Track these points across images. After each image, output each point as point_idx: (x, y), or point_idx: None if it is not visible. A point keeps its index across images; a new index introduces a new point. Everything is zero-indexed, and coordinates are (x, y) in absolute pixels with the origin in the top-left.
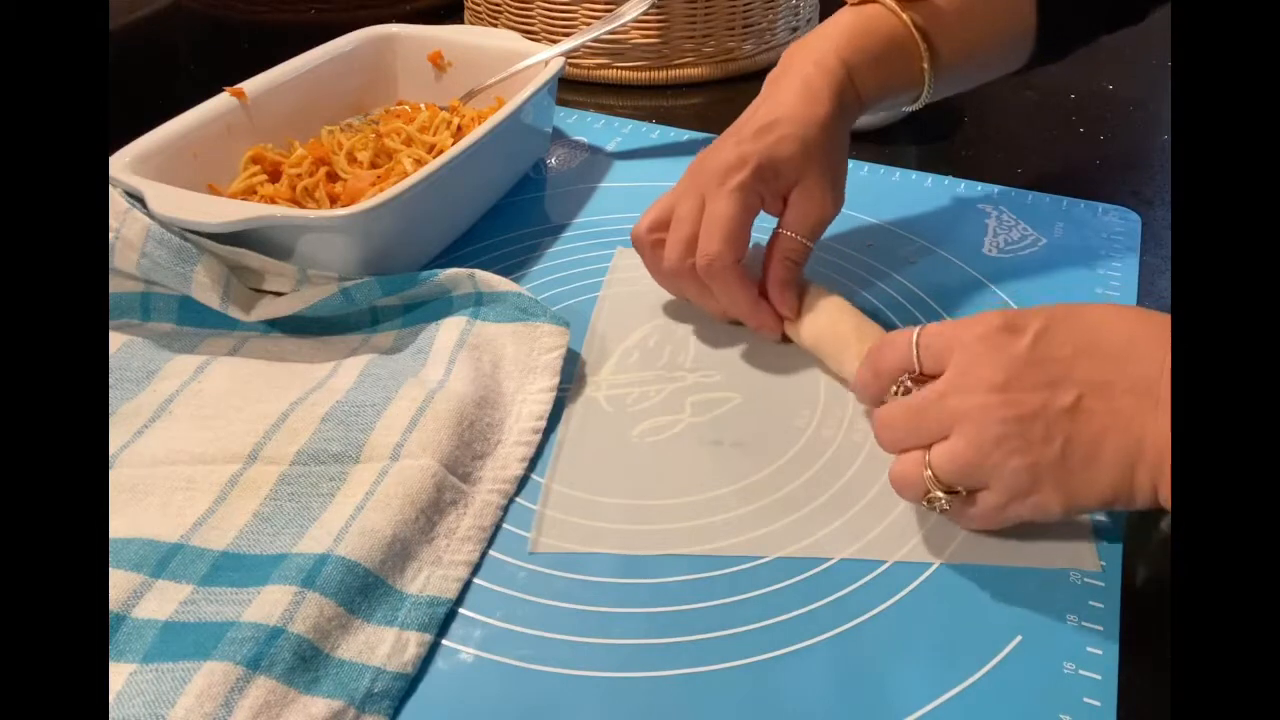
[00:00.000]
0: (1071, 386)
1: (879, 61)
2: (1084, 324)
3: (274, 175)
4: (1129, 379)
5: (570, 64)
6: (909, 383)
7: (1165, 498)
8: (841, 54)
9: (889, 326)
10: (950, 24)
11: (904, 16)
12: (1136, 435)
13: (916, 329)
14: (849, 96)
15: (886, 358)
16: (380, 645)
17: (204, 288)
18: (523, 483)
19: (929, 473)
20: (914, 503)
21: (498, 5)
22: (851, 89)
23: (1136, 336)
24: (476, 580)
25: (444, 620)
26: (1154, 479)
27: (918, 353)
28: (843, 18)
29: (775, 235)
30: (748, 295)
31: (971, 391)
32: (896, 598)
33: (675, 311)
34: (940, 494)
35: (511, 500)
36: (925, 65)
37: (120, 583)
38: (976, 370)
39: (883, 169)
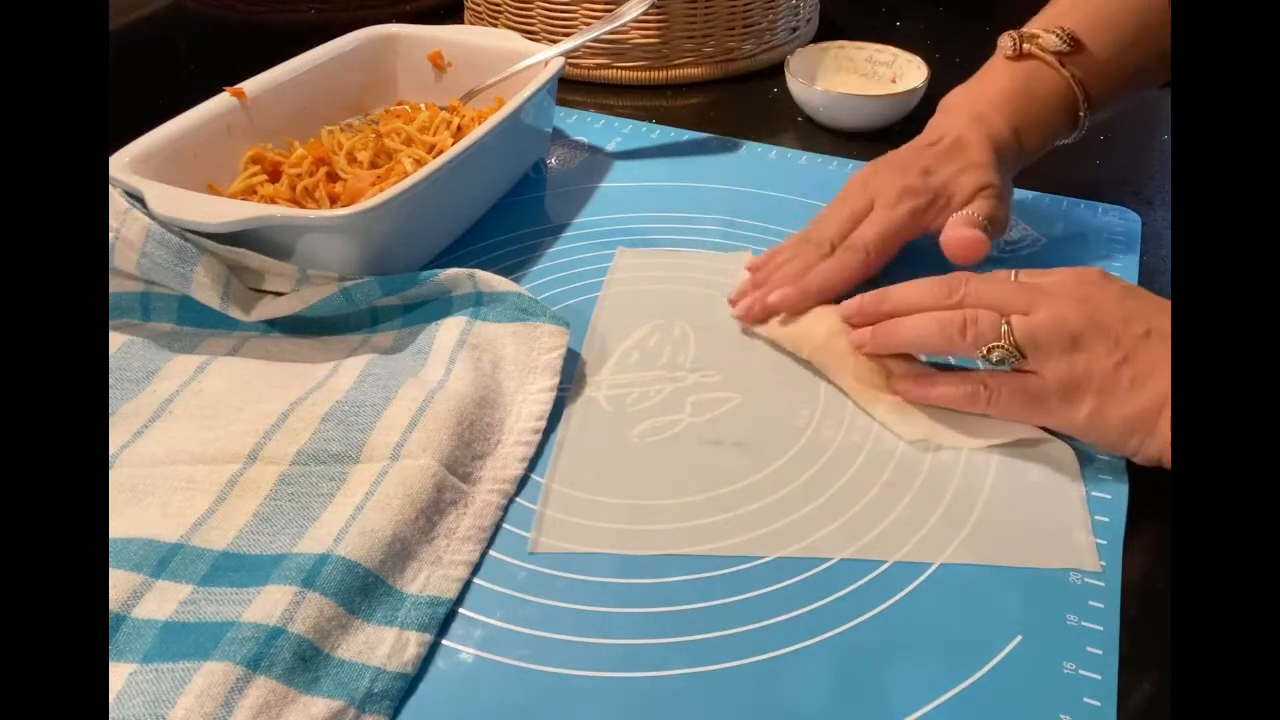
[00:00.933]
0: (1145, 324)
1: (1044, 124)
2: (1156, 299)
3: (274, 175)
4: None
5: (570, 64)
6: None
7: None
8: (1012, 121)
9: None
10: (1107, 69)
11: (1064, 73)
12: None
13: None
14: (1012, 157)
15: (976, 284)
16: (380, 645)
17: (204, 288)
18: (523, 483)
19: (1007, 326)
20: (970, 345)
21: (498, 5)
22: (1017, 148)
23: None
24: (476, 580)
25: (444, 620)
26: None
27: (1015, 275)
28: (1002, 77)
29: (951, 222)
30: (834, 289)
31: (1065, 295)
32: (896, 598)
33: (675, 311)
34: (1006, 345)
35: (511, 500)
36: (1083, 114)
37: (120, 583)
38: (1072, 286)
39: None
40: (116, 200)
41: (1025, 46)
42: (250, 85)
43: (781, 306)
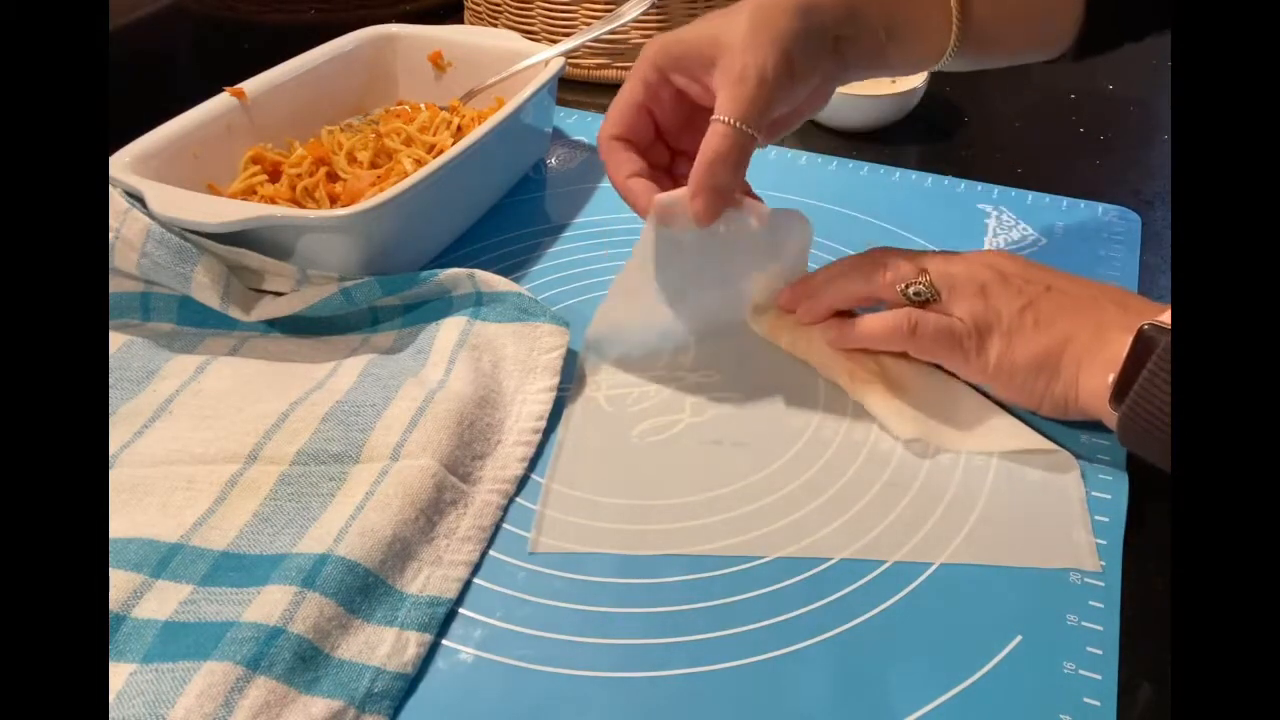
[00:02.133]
0: (1045, 281)
1: None
2: (1064, 275)
3: (274, 175)
4: (1089, 292)
5: (570, 64)
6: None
7: (1085, 391)
8: None
9: None
10: None
11: None
12: (1080, 319)
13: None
14: (830, 13)
15: (891, 272)
16: (380, 645)
17: (204, 288)
18: (523, 483)
19: (925, 274)
20: (887, 286)
21: (498, 5)
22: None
23: (1100, 298)
24: (476, 580)
25: (444, 620)
26: (1079, 359)
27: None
28: None
29: (711, 126)
30: (616, 174)
31: (975, 260)
32: (896, 598)
33: (675, 311)
34: (924, 283)
35: (511, 500)
36: (954, 2)
37: (120, 583)
38: (983, 256)
39: (883, 169)
40: (116, 200)
41: None
42: (250, 85)
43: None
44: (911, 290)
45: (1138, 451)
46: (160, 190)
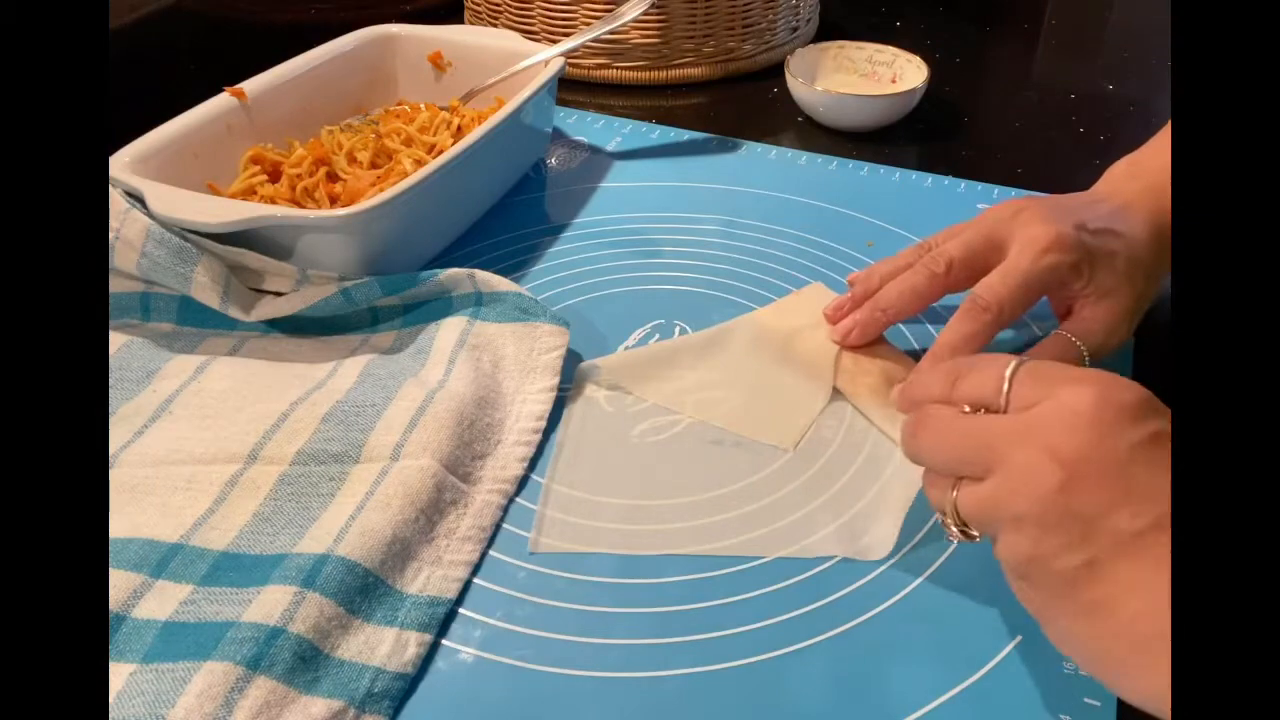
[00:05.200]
0: (1141, 516)
1: None
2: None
3: (274, 175)
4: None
5: (570, 64)
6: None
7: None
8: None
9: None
10: None
11: None
12: (1146, 606)
13: (1014, 361)
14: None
15: (970, 381)
16: (380, 645)
17: (204, 288)
18: (523, 483)
19: (954, 493)
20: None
21: (498, 5)
22: None
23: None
24: (476, 580)
25: (444, 620)
26: (1147, 673)
27: (1008, 389)
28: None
29: (1052, 335)
30: (968, 354)
31: (1043, 447)
32: (896, 598)
33: (675, 311)
34: (951, 521)
35: (511, 500)
36: None
37: (120, 583)
38: (1064, 423)
39: (883, 169)
40: (116, 200)
41: None
42: (250, 85)
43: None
44: (947, 534)
45: None
46: (160, 190)
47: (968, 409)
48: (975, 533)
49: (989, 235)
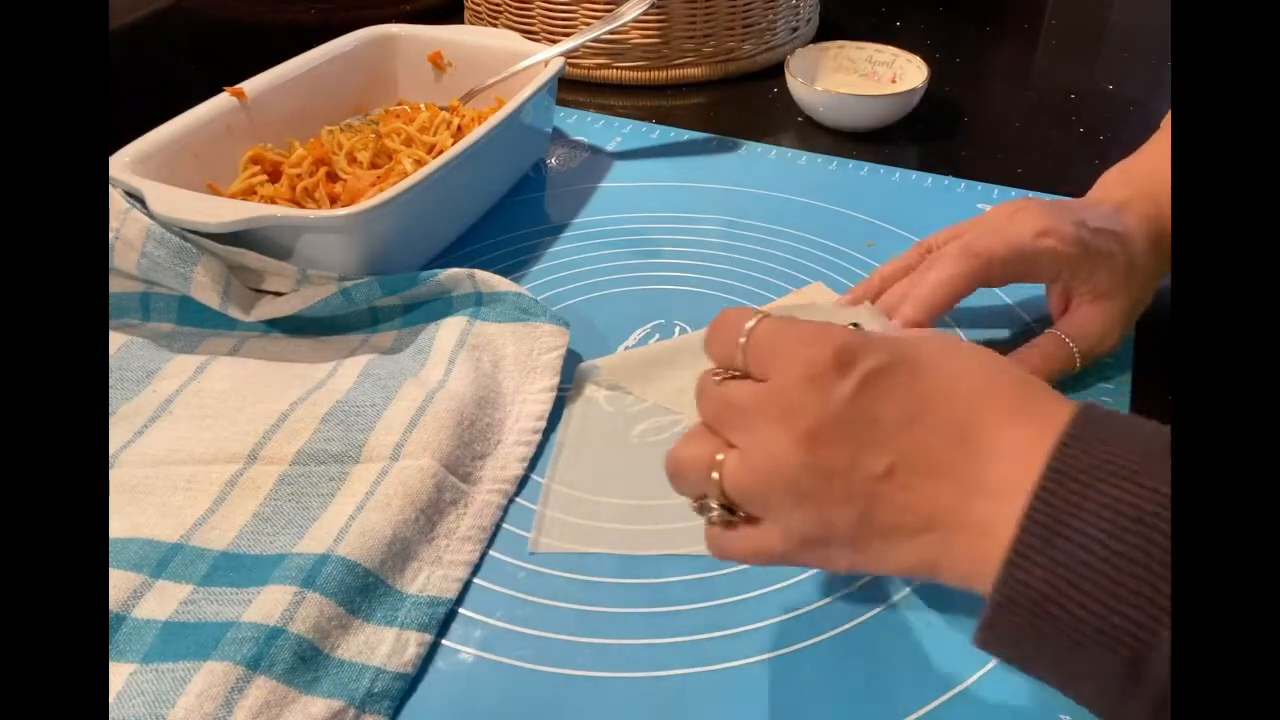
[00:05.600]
0: (886, 453)
1: None
2: (923, 379)
3: (274, 175)
4: (953, 462)
5: (570, 64)
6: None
7: (974, 588)
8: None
9: None
10: None
11: None
12: (947, 525)
13: (756, 316)
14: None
15: (718, 333)
16: (380, 645)
17: (204, 288)
18: (523, 483)
19: (715, 474)
20: (682, 494)
21: (498, 5)
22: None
23: (979, 412)
24: (476, 580)
25: (444, 620)
26: (962, 574)
27: (745, 346)
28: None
29: (1046, 334)
30: (945, 301)
31: (778, 422)
32: (897, 597)
33: (675, 311)
34: (716, 505)
35: (511, 500)
36: None
37: (120, 583)
38: (791, 402)
39: (883, 169)
40: (116, 200)
41: None
42: (250, 85)
43: (901, 317)
44: (707, 516)
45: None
46: (160, 190)
47: (721, 374)
48: (740, 511)
49: (991, 232)
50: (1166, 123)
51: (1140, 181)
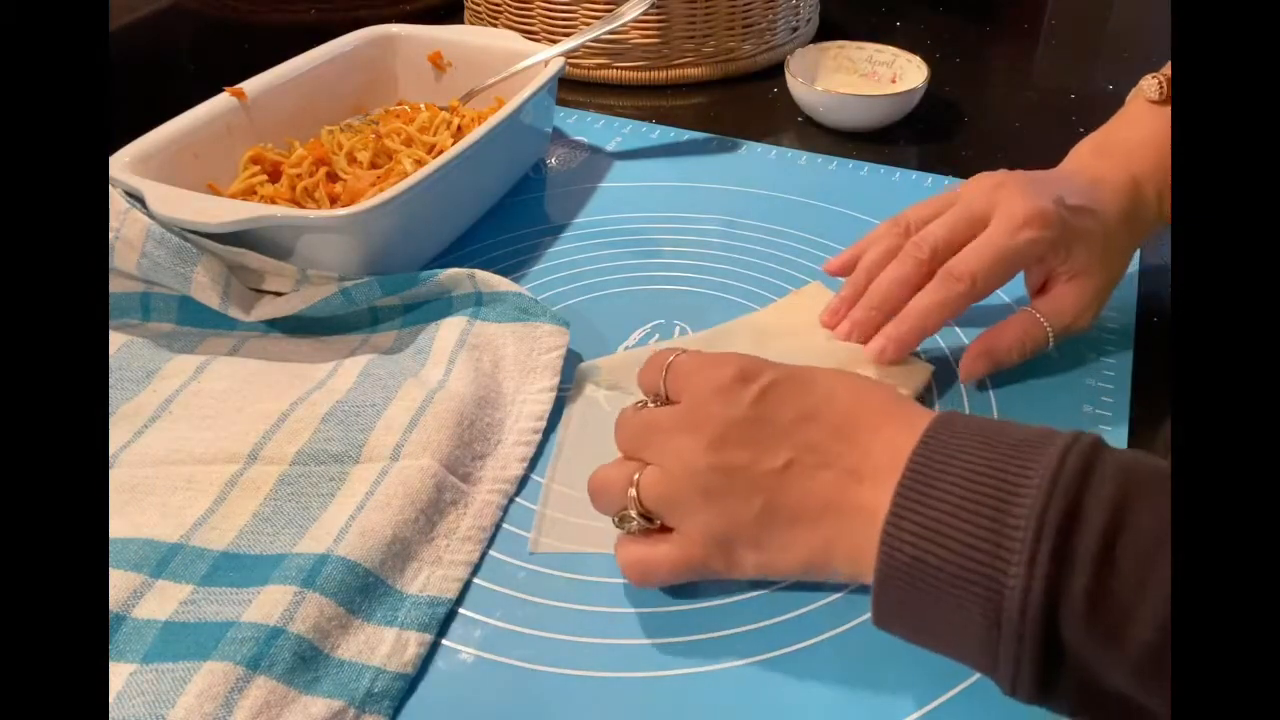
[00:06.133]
0: (784, 450)
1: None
2: (812, 391)
3: (274, 175)
4: (839, 453)
5: (570, 64)
6: (651, 402)
7: (864, 574)
8: (1156, 176)
9: None
10: None
11: None
12: (838, 508)
13: (674, 352)
14: (1148, 220)
15: (646, 370)
16: (380, 645)
17: (204, 288)
18: (523, 483)
19: (634, 491)
20: (604, 513)
21: (498, 5)
22: (1155, 211)
23: (858, 416)
24: (476, 580)
25: (444, 620)
26: (853, 557)
27: (665, 377)
28: (1145, 124)
29: (1020, 312)
30: (935, 326)
31: (689, 432)
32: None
33: (675, 311)
34: (634, 514)
35: (511, 500)
36: None
37: (120, 583)
38: (701, 414)
39: (883, 169)
40: (116, 200)
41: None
42: (250, 85)
43: (881, 360)
44: (627, 527)
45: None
46: (160, 190)
47: (642, 402)
48: (656, 520)
49: (970, 214)
50: (1132, 96)
51: (1114, 153)
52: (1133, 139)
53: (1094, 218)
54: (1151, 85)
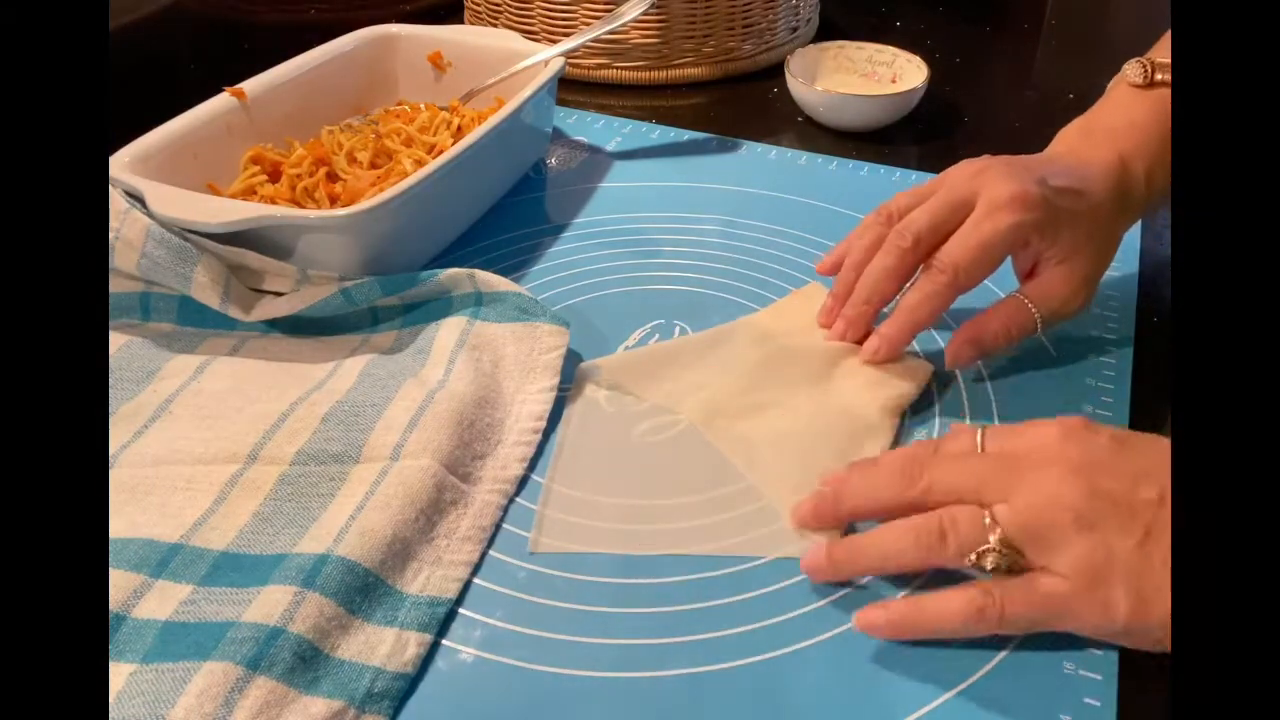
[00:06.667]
0: (1155, 483)
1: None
2: (1155, 442)
3: (274, 175)
4: None
5: (570, 64)
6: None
7: None
8: (1143, 156)
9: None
10: None
11: None
12: None
13: (980, 429)
14: (1138, 202)
15: (947, 441)
16: (380, 645)
17: (204, 288)
18: (523, 483)
19: (988, 518)
20: (954, 556)
21: (498, 5)
22: (1144, 192)
23: None
24: (476, 580)
25: (444, 620)
26: None
27: (982, 438)
28: (1130, 108)
29: (1008, 298)
30: (926, 320)
31: (1050, 464)
32: (897, 597)
33: (675, 311)
34: (997, 545)
35: (511, 500)
36: None
37: (120, 583)
38: (1055, 447)
39: (883, 169)
40: (116, 200)
41: (1157, 76)
42: (250, 85)
43: (876, 359)
44: (989, 563)
45: None
46: (160, 190)
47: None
48: (1022, 554)
49: (952, 200)
50: (1115, 82)
51: (1100, 135)
52: (1119, 121)
53: (1080, 199)
54: (1135, 70)
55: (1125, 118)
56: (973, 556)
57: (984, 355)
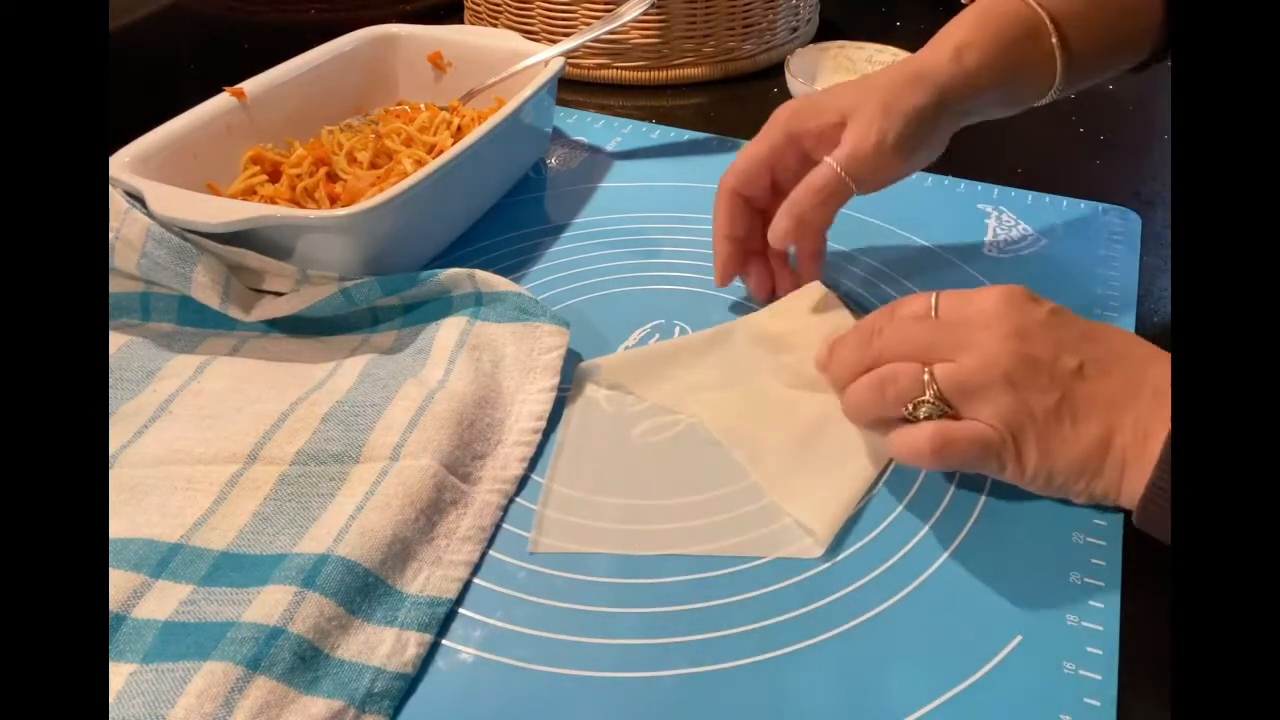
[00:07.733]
0: (1077, 355)
1: (1000, 43)
2: (1090, 322)
3: (274, 175)
4: (1121, 368)
5: (570, 64)
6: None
7: (1128, 492)
8: (954, 36)
9: None
10: (1079, 11)
11: (1034, 6)
12: (1119, 413)
13: (934, 294)
14: (954, 77)
15: (904, 304)
16: (380, 645)
17: (204, 288)
18: (523, 483)
19: (929, 377)
20: (893, 404)
21: (498, 5)
22: (955, 67)
23: (1129, 347)
24: (476, 580)
25: (444, 620)
26: (1124, 459)
27: (936, 302)
28: (967, 12)
29: (819, 166)
30: (718, 225)
31: (991, 327)
32: (896, 597)
33: (675, 311)
34: (931, 399)
35: (511, 500)
36: (1057, 53)
37: (120, 583)
38: (994, 314)
39: None
40: (116, 200)
41: None
42: (250, 85)
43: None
44: (922, 413)
45: (1148, 530)
46: (160, 190)
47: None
48: (951, 407)
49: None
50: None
51: (952, 32)
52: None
53: (882, 72)
54: None
55: (951, 25)
56: (909, 406)
57: (803, 222)
